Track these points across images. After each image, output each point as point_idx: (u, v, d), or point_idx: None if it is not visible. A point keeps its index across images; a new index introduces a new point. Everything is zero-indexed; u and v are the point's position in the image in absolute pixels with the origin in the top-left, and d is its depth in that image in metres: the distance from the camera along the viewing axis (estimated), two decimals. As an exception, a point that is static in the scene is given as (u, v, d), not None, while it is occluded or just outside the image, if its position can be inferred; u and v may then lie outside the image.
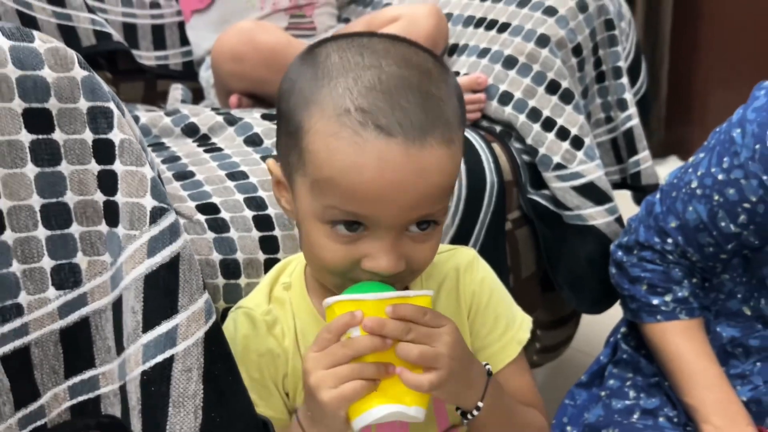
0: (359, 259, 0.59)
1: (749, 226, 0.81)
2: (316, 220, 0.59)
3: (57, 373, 0.60)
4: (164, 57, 1.29)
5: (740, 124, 0.80)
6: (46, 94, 0.57)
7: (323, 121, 0.57)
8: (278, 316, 0.67)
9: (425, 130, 0.56)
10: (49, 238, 0.59)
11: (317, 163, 0.57)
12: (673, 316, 0.88)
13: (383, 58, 0.58)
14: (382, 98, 0.56)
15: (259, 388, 0.66)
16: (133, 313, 0.59)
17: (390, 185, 0.56)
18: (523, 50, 1.10)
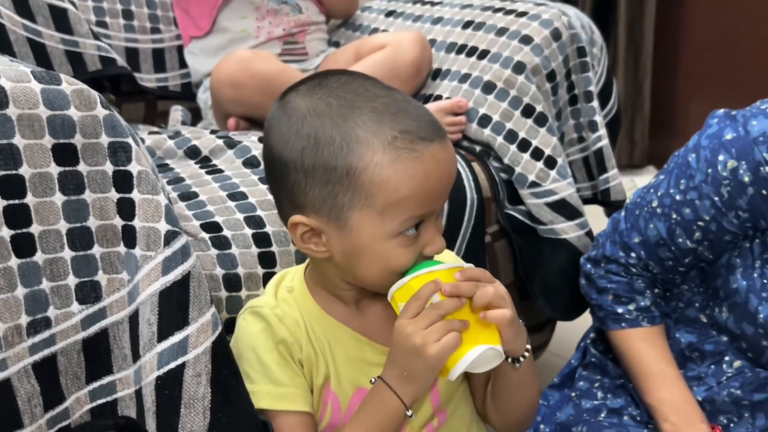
0: (421, 250, 0.69)
1: (703, 242, 0.89)
2: (386, 239, 0.68)
3: (79, 379, 0.68)
4: (164, 79, 1.36)
5: (695, 149, 0.88)
6: (72, 131, 0.65)
7: (379, 154, 0.66)
8: (286, 311, 0.74)
9: (439, 128, 0.69)
10: (73, 259, 0.66)
11: (390, 189, 0.66)
12: (636, 323, 0.96)
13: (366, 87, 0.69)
14: (404, 116, 0.67)
15: (285, 371, 0.72)
16: (149, 324, 0.66)
17: (445, 178, 0.69)
18: (501, 76, 1.18)
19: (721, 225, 0.86)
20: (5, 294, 0.61)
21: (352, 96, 0.67)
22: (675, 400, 0.91)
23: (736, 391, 0.88)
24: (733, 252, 0.88)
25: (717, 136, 0.85)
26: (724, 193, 0.84)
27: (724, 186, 0.83)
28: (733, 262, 0.88)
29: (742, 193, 0.82)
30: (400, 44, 1.22)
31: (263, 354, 0.73)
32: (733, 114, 0.86)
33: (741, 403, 0.88)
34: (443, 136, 0.69)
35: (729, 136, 0.83)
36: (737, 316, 0.87)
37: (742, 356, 0.89)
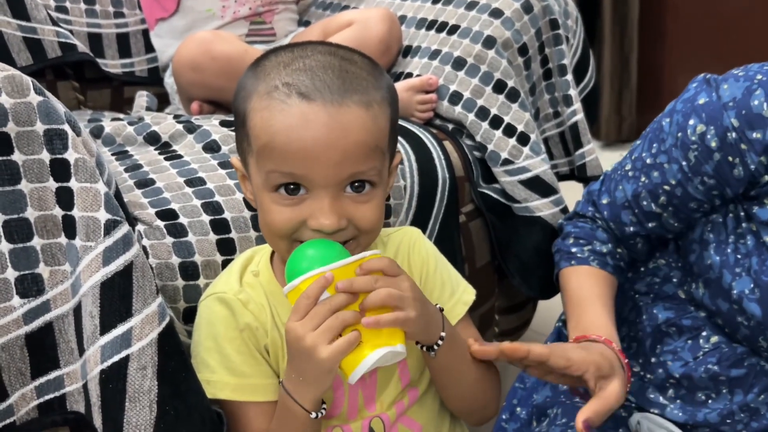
0: (304, 220, 0.66)
1: (668, 207, 0.87)
2: (264, 190, 0.67)
3: (24, 375, 0.66)
4: (130, 64, 1.33)
5: (670, 114, 0.87)
6: (4, 119, 0.62)
7: (257, 100, 0.67)
8: (251, 296, 0.73)
9: (343, 94, 0.65)
10: (12, 251, 0.64)
11: (256, 134, 0.66)
12: (586, 262, 0.94)
13: (311, 51, 0.68)
14: (305, 74, 0.66)
15: (247, 360, 0.71)
16: (92, 317, 0.64)
17: (315, 142, 0.64)
18: (471, 52, 1.15)
19: (687, 190, 0.84)
20: (-65, 290, 0.59)
21: (291, 55, 0.68)
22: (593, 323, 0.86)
23: (714, 367, 0.87)
24: (706, 227, 0.86)
25: (691, 101, 0.83)
26: (692, 157, 0.82)
27: (692, 150, 0.82)
28: (706, 237, 0.86)
29: (708, 158, 0.81)
30: (368, 21, 1.19)
31: (224, 343, 0.71)
32: (708, 78, 0.84)
33: (718, 379, 0.87)
34: (340, 103, 0.64)
35: (702, 100, 0.82)
36: (712, 293, 0.85)
37: (720, 332, 0.88)
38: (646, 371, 0.93)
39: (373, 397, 0.74)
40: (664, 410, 0.89)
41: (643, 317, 0.95)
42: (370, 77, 0.68)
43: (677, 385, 0.90)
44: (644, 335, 0.94)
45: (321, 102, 0.64)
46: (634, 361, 0.96)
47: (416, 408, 0.77)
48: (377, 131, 0.67)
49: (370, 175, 0.67)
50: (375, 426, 0.74)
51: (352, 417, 0.73)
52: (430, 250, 0.81)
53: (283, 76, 0.66)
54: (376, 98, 0.67)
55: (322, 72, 0.66)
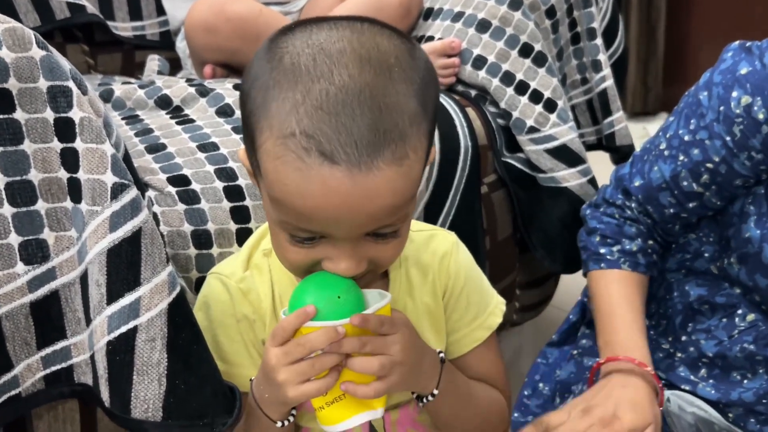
0: (320, 260, 0.60)
1: (711, 186, 0.82)
2: (277, 226, 0.61)
3: (29, 345, 0.63)
4: (141, 27, 1.29)
5: (707, 86, 0.81)
6: (5, 75, 0.59)
7: (271, 142, 0.56)
8: (254, 283, 0.69)
9: (373, 152, 0.54)
10: (15, 215, 0.61)
11: (268, 182, 0.58)
12: (616, 265, 0.89)
13: (336, 65, 0.56)
14: (328, 120, 0.54)
15: (239, 350, 0.69)
16: (98, 286, 0.61)
17: (336, 210, 0.56)
18: (496, 13, 1.10)
19: (732, 167, 0.79)
20: (-66, 255, 0.56)
21: (312, 62, 0.56)
22: (625, 342, 0.83)
23: (750, 346, 0.83)
24: (747, 199, 0.81)
25: (731, 71, 0.78)
26: (737, 132, 0.77)
27: (737, 124, 0.76)
28: (746, 210, 0.81)
29: (756, 131, 0.75)
30: (389, -18, 1.14)
31: (217, 328, 0.69)
32: (748, 46, 0.78)
33: (755, 359, 0.83)
34: (369, 167, 0.54)
35: (744, 70, 0.76)
36: (750, 268, 0.81)
37: (756, 309, 0.84)
38: (676, 349, 0.90)
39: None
40: (696, 387, 0.85)
41: (674, 294, 0.91)
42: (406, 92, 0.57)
43: (710, 365, 0.86)
44: (674, 312, 0.90)
45: (346, 166, 0.54)
46: (663, 338, 0.92)
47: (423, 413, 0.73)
48: (410, 184, 0.58)
49: (397, 226, 0.60)
50: (375, 424, 0.70)
51: None
52: (462, 264, 0.73)
53: (302, 116, 0.54)
54: (412, 136, 0.57)
55: (350, 113, 0.54)
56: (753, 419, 0.83)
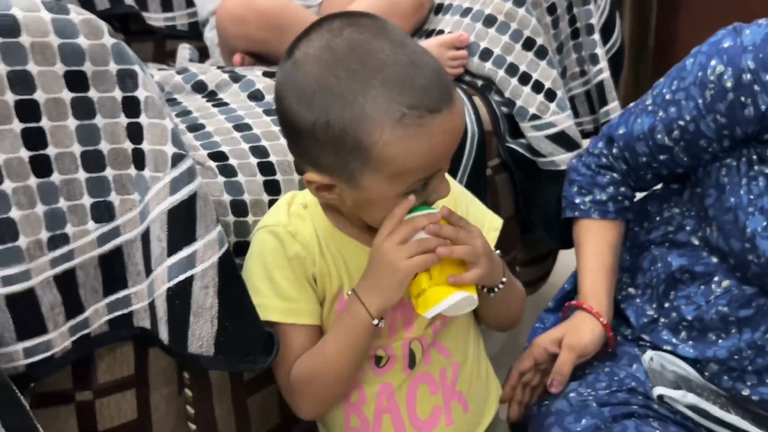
0: (427, 197, 0.74)
1: (680, 142, 0.93)
2: (395, 197, 0.72)
3: (97, 292, 0.73)
4: (172, 18, 1.38)
5: (694, 55, 0.92)
6: (82, 59, 0.68)
7: (389, 131, 0.67)
8: (299, 227, 0.79)
9: (448, 92, 0.70)
10: (88, 180, 0.71)
11: (399, 162, 0.69)
12: (587, 214, 1.03)
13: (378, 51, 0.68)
14: (414, 87, 0.68)
15: (294, 287, 0.77)
16: (159, 240, 0.71)
17: (453, 142, 0.72)
18: (502, 9, 1.19)
19: (699, 127, 0.89)
20: (26, 210, 0.66)
21: (360, 66, 0.68)
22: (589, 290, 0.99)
23: (724, 308, 0.92)
24: (721, 171, 0.91)
25: (716, 44, 0.89)
26: (708, 96, 0.87)
27: (709, 89, 0.87)
28: (722, 181, 0.91)
29: (722, 97, 0.86)
30: (403, -21, 1.23)
31: (274, 270, 0.77)
32: (737, 27, 0.89)
33: (728, 320, 0.92)
34: (450, 99, 0.69)
35: (726, 44, 0.87)
36: (725, 234, 0.91)
37: (731, 276, 0.93)
38: (660, 314, 0.99)
39: (411, 319, 0.80)
40: (676, 348, 0.95)
41: (658, 265, 1.00)
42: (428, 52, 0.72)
43: (689, 327, 0.95)
44: (658, 281, 0.99)
45: (446, 108, 0.69)
46: (648, 305, 1.01)
47: (446, 334, 0.83)
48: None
49: None
50: (414, 348, 0.81)
51: (392, 337, 0.80)
52: (457, 189, 0.87)
53: (396, 98, 0.67)
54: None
55: (419, 75, 0.68)
56: (726, 376, 0.92)
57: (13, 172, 0.65)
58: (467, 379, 0.85)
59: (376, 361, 0.80)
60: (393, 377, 0.81)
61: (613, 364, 0.96)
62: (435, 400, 0.82)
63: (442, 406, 0.82)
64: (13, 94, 0.65)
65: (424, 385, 0.81)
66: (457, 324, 0.85)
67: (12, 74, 0.65)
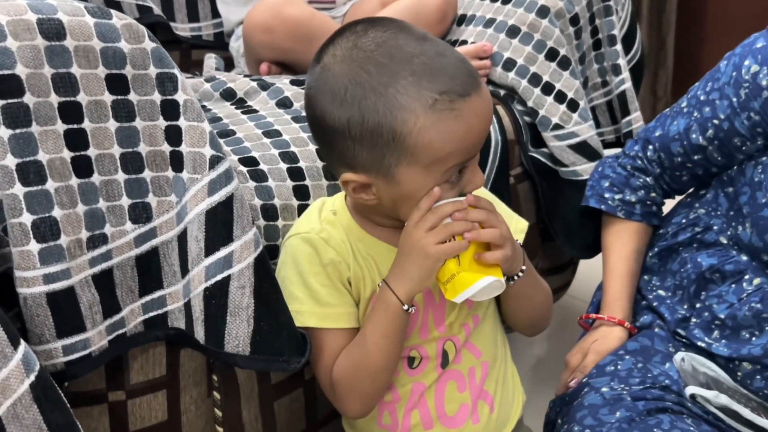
0: (462, 189, 0.75)
1: (714, 140, 0.95)
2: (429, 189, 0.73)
3: (133, 292, 0.74)
4: (198, 28, 1.41)
5: (729, 57, 0.94)
6: (123, 62, 0.70)
7: (422, 118, 0.69)
8: (331, 233, 0.80)
9: (474, 78, 0.72)
10: (126, 181, 0.72)
11: (435, 148, 0.70)
12: (613, 210, 1.06)
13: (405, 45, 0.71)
14: (441, 74, 0.70)
15: (331, 292, 0.78)
16: (197, 241, 0.72)
17: (485, 125, 0.73)
18: (525, 20, 1.21)
19: (733, 125, 0.91)
20: (68, 210, 0.67)
21: (389, 60, 0.70)
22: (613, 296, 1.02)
23: (757, 305, 0.92)
24: (757, 169, 0.92)
25: (750, 45, 0.91)
26: (742, 94, 0.89)
27: (743, 88, 0.89)
28: (758, 179, 0.92)
29: (757, 95, 0.88)
30: (427, -10, 1.25)
31: (309, 277, 0.78)
32: None
33: (761, 317, 0.92)
34: (478, 84, 0.72)
35: (759, 44, 0.89)
36: (761, 229, 0.91)
37: (762, 273, 0.93)
38: (692, 315, 0.99)
39: (442, 318, 0.81)
40: (710, 347, 0.95)
41: (688, 266, 1.00)
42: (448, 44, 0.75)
43: (722, 326, 0.95)
44: (689, 282, 0.99)
45: (474, 92, 0.71)
46: (680, 306, 1.01)
47: (477, 334, 0.84)
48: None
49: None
50: (448, 348, 0.81)
51: (424, 337, 0.80)
52: (483, 192, 0.88)
53: (427, 85, 0.69)
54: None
55: (447, 63, 0.71)
56: (759, 376, 0.92)
57: (56, 172, 0.66)
58: (495, 380, 0.85)
59: (409, 362, 0.81)
60: (425, 377, 0.81)
61: (647, 361, 0.96)
62: (463, 398, 0.82)
63: (470, 404, 0.83)
64: (57, 96, 0.66)
65: (453, 382, 0.82)
66: (487, 324, 0.85)
67: (57, 77, 0.66)
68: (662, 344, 0.99)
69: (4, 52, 0.63)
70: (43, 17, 0.66)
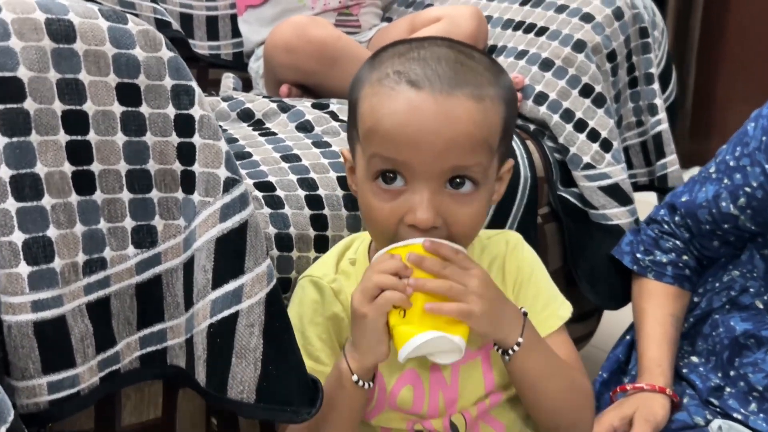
0: (402, 216, 0.65)
1: (746, 210, 0.90)
2: (366, 180, 0.67)
3: (131, 324, 0.67)
4: (217, 47, 1.36)
5: (755, 119, 0.90)
6: (136, 71, 0.64)
7: (368, 88, 0.67)
8: (344, 285, 0.73)
9: (453, 84, 0.64)
10: (131, 201, 0.65)
11: (363, 120, 0.67)
12: (644, 272, 1.02)
13: (429, 44, 0.68)
14: (417, 63, 0.65)
15: (325, 349, 0.72)
16: (204, 271, 0.65)
17: (419, 128, 0.63)
18: (560, 54, 1.15)
19: (767, 193, 0.86)
20: (65, 230, 0.60)
21: (407, 44, 0.69)
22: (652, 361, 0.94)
23: None
24: None
25: None
26: None
27: None
28: None
29: None
30: (457, 18, 1.20)
31: (308, 326, 0.72)
32: None
33: None
34: (448, 92, 0.63)
35: None
36: None
37: None
38: (726, 383, 0.93)
39: (455, 400, 0.73)
40: (748, 419, 0.89)
41: (720, 330, 0.95)
42: (487, 73, 0.67)
43: (760, 398, 0.89)
44: (722, 348, 0.94)
45: (429, 90, 0.64)
46: (713, 373, 0.95)
47: (501, 408, 0.75)
48: (487, 125, 0.65)
49: (474, 172, 0.65)
50: (456, 421, 0.73)
51: (433, 416, 0.73)
52: (528, 257, 0.78)
53: (396, 65, 0.66)
54: (489, 93, 0.66)
55: (435, 62, 0.65)
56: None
57: (54, 187, 0.60)
58: None
59: None
60: None
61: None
62: None
63: None
64: (61, 104, 0.60)
65: None
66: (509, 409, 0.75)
67: (62, 82, 0.60)
68: (698, 412, 0.92)
69: (6, 52, 0.58)
70: (53, 17, 0.60)
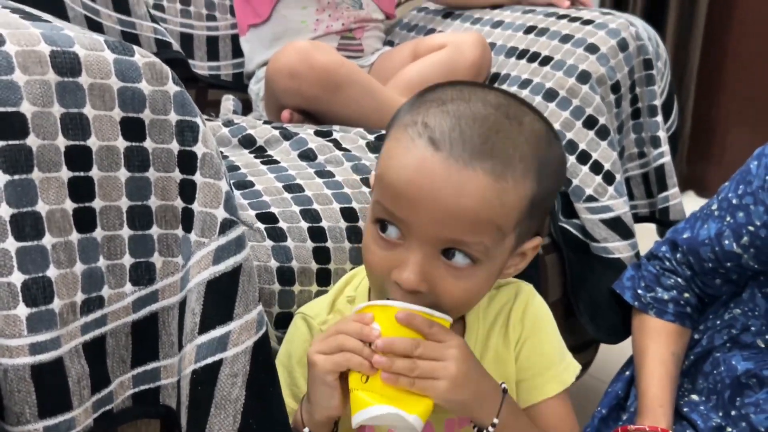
0: (392, 268, 0.62)
1: (750, 248, 0.89)
2: (370, 222, 0.65)
3: (125, 362, 0.65)
4: (216, 68, 1.34)
5: (758, 157, 0.89)
6: (142, 105, 0.62)
7: (396, 129, 0.64)
8: None
9: (474, 154, 0.59)
10: (131, 237, 0.63)
11: (381, 159, 0.65)
12: (645, 308, 1.01)
13: (478, 96, 0.63)
14: (449, 121, 0.60)
15: None
16: (193, 314, 0.63)
17: (421, 190, 0.59)
18: (564, 84, 1.14)
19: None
20: (65, 269, 0.58)
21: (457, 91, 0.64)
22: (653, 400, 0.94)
23: None
24: None
25: None
26: None
27: None
28: None
29: None
30: (461, 45, 1.20)
31: (296, 366, 0.71)
32: None
33: None
34: (464, 162, 0.58)
35: None
36: None
37: None
38: (727, 424, 0.92)
39: None
40: None
41: (721, 368, 0.94)
42: (525, 145, 0.61)
43: None
44: (723, 386, 0.93)
45: (446, 154, 0.59)
46: (714, 413, 0.93)
47: None
48: (499, 206, 0.60)
49: (473, 250, 0.61)
50: None
51: None
52: (539, 313, 0.74)
53: (429, 115, 0.62)
54: (516, 171, 0.60)
55: (468, 123, 0.60)
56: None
57: (55, 226, 0.58)
58: None
59: None
60: None
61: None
62: None
63: None
64: (65, 139, 0.58)
65: None
66: None
67: (66, 117, 0.58)
68: None
69: (9, 86, 0.56)
70: (58, 50, 0.58)
